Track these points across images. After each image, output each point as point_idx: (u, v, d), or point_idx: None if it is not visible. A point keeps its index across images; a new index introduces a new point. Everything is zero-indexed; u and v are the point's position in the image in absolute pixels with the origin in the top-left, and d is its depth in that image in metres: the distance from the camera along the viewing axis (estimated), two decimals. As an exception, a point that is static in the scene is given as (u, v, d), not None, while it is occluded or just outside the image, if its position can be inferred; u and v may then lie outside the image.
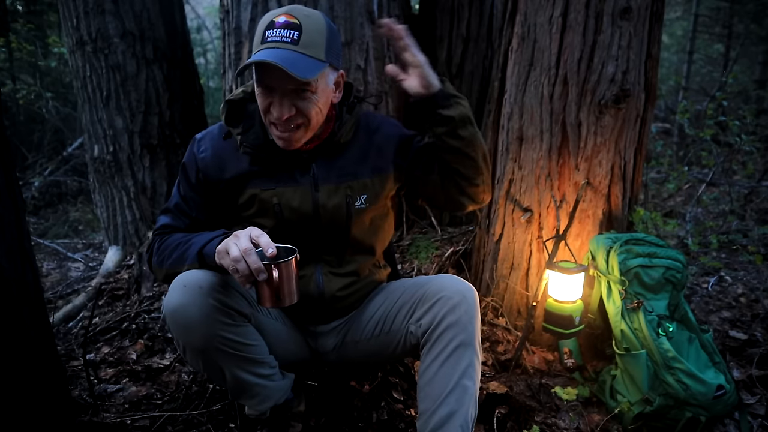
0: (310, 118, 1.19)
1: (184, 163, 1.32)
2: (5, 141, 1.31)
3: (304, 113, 1.18)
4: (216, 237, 1.16)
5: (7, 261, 1.26)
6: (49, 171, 5.57)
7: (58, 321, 2.45)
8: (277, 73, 1.10)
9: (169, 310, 1.13)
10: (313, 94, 1.17)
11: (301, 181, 1.28)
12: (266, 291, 1.07)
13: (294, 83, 1.13)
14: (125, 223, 3.15)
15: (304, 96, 1.16)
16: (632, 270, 1.68)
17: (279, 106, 1.16)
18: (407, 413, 1.58)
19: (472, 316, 1.20)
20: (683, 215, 3.79)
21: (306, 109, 1.17)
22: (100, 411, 1.58)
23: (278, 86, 1.15)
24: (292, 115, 1.17)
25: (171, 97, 3.10)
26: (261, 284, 1.06)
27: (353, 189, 1.31)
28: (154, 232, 1.33)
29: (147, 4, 3.01)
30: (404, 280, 1.45)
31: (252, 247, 1.04)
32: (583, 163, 1.82)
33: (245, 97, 1.30)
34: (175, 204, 1.32)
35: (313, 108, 1.18)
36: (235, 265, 1.03)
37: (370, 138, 1.35)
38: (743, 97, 7.19)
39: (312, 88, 1.16)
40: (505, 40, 2.01)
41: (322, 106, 1.21)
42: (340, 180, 1.30)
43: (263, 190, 1.27)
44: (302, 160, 1.29)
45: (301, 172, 1.29)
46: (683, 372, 1.52)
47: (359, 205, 1.32)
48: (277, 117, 1.17)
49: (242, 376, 1.25)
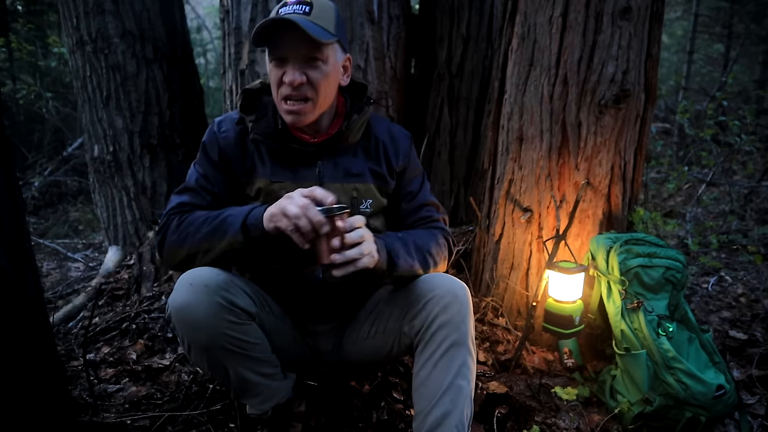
0: (318, 89, 1.21)
1: (205, 142, 1.33)
2: (5, 141, 1.31)
3: (314, 84, 1.20)
4: (256, 207, 1.17)
5: (7, 261, 1.26)
6: (49, 171, 5.57)
7: (58, 321, 2.45)
8: (290, 39, 1.15)
9: (175, 308, 1.13)
10: (324, 64, 1.21)
11: (307, 177, 1.30)
12: (325, 246, 1.09)
13: (306, 48, 1.18)
14: (125, 223, 3.15)
15: (315, 65, 1.20)
16: (632, 270, 1.68)
17: (291, 71, 1.19)
18: (407, 413, 1.58)
19: (464, 315, 1.19)
20: (683, 215, 3.79)
21: (316, 79, 1.20)
22: (100, 411, 1.57)
23: (291, 54, 1.19)
24: (303, 83, 1.19)
25: (171, 97, 3.10)
26: (322, 240, 1.08)
27: (359, 191, 1.32)
28: (169, 211, 1.27)
29: (147, 4, 3.01)
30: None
31: (310, 202, 1.06)
32: (583, 163, 1.82)
33: (262, 88, 1.34)
34: (196, 180, 1.31)
35: (323, 80, 1.21)
36: (295, 223, 1.05)
37: (377, 144, 1.37)
38: (743, 97, 7.19)
39: (323, 56, 1.20)
40: (505, 40, 2.01)
41: (331, 81, 1.24)
42: (346, 179, 1.32)
43: (272, 181, 1.29)
44: (309, 155, 1.30)
45: (306, 168, 1.30)
46: (683, 372, 1.52)
47: (364, 208, 1.33)
48: (290, 81, 1.19)
49: (246, 374, 1.25)
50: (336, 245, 1.09)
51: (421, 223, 1.42)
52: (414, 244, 1.29)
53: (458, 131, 2.81)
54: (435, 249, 1.34)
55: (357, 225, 1.13)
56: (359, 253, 1.10)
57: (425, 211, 1.42)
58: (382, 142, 1.37)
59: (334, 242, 1.09)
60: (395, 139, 1.40)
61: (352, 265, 1.10)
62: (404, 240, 1.27)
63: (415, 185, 1.43)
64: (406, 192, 1.42)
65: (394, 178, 1.39)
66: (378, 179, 1.36)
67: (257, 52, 2.35)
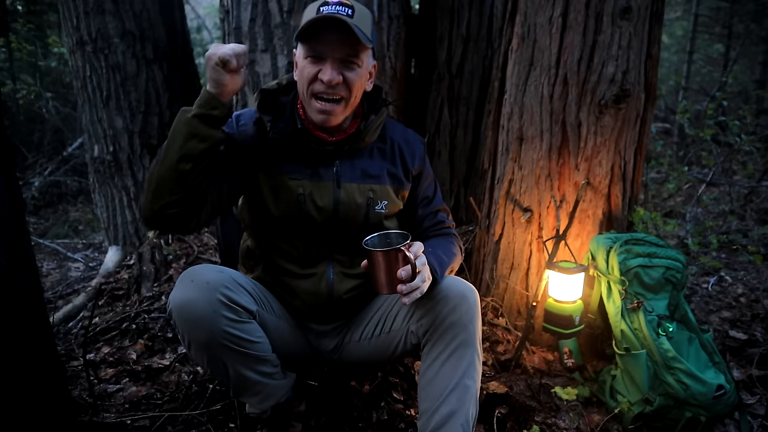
0: (352, 90, 1.23)
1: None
2: (5, 141, 1.31)
3: (349, 85, 1.22)
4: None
5: (7, 261, 1.26)
6: (49, 171, 5.57)
7: (58, 321, 2.45)
8: (335, 37, 1.16)
9: (175, 305, 1.14)
10: (359, 68, 1.23)
11: (324, 176, 1.31)
12: (385, 276, 1.11)
13: (347, 49, 1.19)
14: (125, 223, 3.15)
15: (351, 67, 1.22)
16: (632, 270, 1.68)
17: (330, 70, 1.20)
18: (407, 413, 1.58)
19: (472, 315, 1.21)
20: (683, 215, 3.79)
21: (351, 80, 1.22)
22: (100, 411, 1.58)
23: (329, 54, 1.20)
24: (339, 83, 1.20)
25: (171, 97, 3.10)
26: (381, 270, 1.10)
27: (375, 192, 1.34)
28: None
29: (147, 4, 3.01)
30: None
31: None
32: (583, 163, 1.82)
33: (279, 88, 1.34)
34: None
35: (357, 81, 1.23)
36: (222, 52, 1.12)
37: (393, 146, 1.39)
38: (743, 97, 7.20)
39: (359, 60, 1.22)
40: (505, 40, 2.01)
41: (361, 84, 1.26)
42: (363, 180, 1.33)
43: (290, 179, 1.30)
44: (327, 154, 1.31)
45: (325, 167, 1.31)
46: (683, 372, 1.52)
47: (379, 209, 1.34)
48: (328, 80, 1.19)
49: (245, 373, 1.25)
50: (403, 276, 1.09)
51: (435, 228, 1.45)
52: (444, 257, 1.32)
53: (458, 131, 2.81)
54: (456, 259, 1.39)
55: (420, 253, 1.15)
56: (422, 281, 1.13)
57: (440, 217, 1.46)
58: (397, 145, 1.40)
59: (401, 273, 1.09)
60: (410, 142, 1.43)
61: (418, 291, 1.12)
62: (435, 254, 1.29)
63: (430, 190, 1.46)
64: (423, 197, 1.44)
65: (409, 181, 1.41)
66: (394, 181, 1.37)
67: (257, 53, 2.35)
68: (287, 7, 2.29)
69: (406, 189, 1.40)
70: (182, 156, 1.14)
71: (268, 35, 2.33)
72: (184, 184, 1.15)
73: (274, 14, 2.32)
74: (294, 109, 1.33)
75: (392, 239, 1.20)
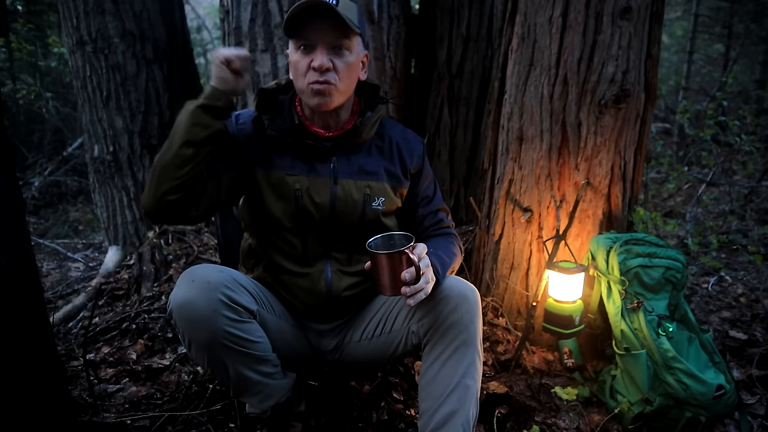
0: (342, 77, 1.24)
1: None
2: (5, 141, 1.31)
3: (338, 71, 1.23)
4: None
5: (7, 261, 1.26)
6: (49, 171, 5.57)
7: (58, 321, 2.45)
8: (321, 24, 1.18)
9: (176, 304, 1.14)
10: (349, 53, 1.24)
11: (321, 172, 1.32)
12: (389, 279, 1.11)
13: (335, 35, 1.21)
14: (125, 223, 3.15)
15: (341, 53, 1.23)
16: (632, 270, 1.68)
17: (320, 55, 1.21)
18: (407, 413, 1.58)
19: (473, 315, 1.21)
20: (683, 215, 3.79)
21: (341, 67, 1.23)
22: (100, 411, 1.58)
23: (320, 40, 1.21)
24: (330, 68, 1.21)
25: (171, 97, 3.10)
26: (385, 272, 1.11)
27: (372, 189, 1.34)
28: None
29: (147, 4, 3.01)
30: None
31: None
32: (583, 163, 1.82)
33: (277, 88, 1.36)
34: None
35: (347, 68, 1.24)
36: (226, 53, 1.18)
37: (391, 144, 1.40)
38: (743, 97, 7.20)
39: (348, 45, 1.23)
40: (505, 40, 2.01)
41: (353, 71, 1.27)
42: (360, 177, 1.34)
43: (288, 174, 1.30)
44: (324, 150, 1.32)
45: (321, 163, 1.32)
46: (683, 372, 1.52)
47: (376, 205, 1.35)
48: (319, 65, 1.20)
49: (245, 373, 1.25)
50: (407, 278, 1.09)
51: (435, 228, 1.45)
52: (445, 257, 1.32)
53: (458, 131, 2.81)
54: (456, 259, 1.39)
55: (424, 255, 1.15)
56: (426, 282, 1.13)
57: (440, 216, 1.47)
58: (396, 143, 1.40)
59: (405, 275, 1.09)
60: (409, 141, 1.43)
61: (423, 292, 1.13)
62: (437, 254, 1.29)
63: (429, 190, 1.46)
64: (423, 196, 1.45)
65: (408, 179, 1.41)
66: (392, 179, 1.38)
67: (257, 53, 2.36)
68: (287, 7, 2.29)
69: (404, 187, 1.40)
70: (185, 141, 1.17)
71: (268, 35, 2.33)
72: (185, 168, 1.17)
73: (274, 14, 2.32)
74: (292, 106, 1.34)
75: (396, 241, 1.20)
